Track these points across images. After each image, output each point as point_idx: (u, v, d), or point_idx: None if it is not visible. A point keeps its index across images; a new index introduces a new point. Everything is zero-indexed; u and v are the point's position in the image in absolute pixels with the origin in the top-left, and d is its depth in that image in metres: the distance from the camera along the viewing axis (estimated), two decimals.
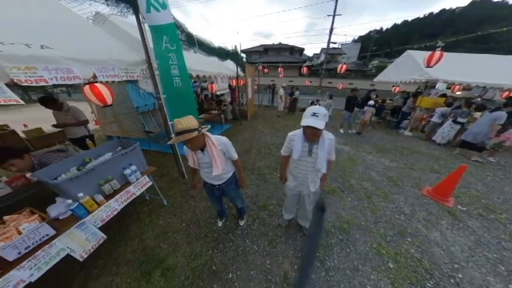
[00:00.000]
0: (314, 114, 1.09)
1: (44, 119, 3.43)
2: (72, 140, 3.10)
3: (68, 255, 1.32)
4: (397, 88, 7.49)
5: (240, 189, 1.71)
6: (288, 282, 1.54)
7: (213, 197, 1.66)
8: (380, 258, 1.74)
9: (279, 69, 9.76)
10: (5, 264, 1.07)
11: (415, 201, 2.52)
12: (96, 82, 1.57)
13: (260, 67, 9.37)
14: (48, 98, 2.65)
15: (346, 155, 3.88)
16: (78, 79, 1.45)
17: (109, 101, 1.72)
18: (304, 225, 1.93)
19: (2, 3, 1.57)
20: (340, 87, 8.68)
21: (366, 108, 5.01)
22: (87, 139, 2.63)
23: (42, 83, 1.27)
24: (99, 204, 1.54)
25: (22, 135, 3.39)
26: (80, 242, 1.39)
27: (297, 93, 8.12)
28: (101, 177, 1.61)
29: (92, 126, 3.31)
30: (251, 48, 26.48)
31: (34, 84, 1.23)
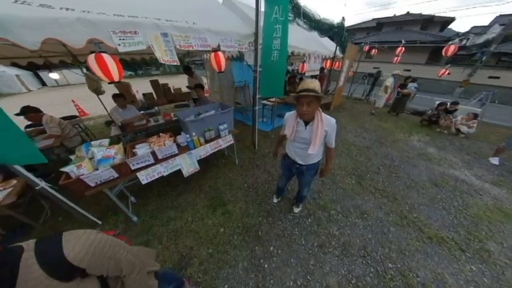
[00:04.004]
0: None
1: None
2: (193, 100, 4.51)
3: (179, 171, 1.98)
4: None
5: (315, 177, 1.59)
6: None
7: (288, 172, 1.67)
8: None
9: (398, 49, 6.89)
10: (156, 160, 1.81)
11: None
12: (219, 51, 1.97)
13: (366, 47, 7.19)
14: (188, 67, 4.30)
15: (492, 201, 2.32)
16: (209, 47, 1.88)
17: (223, 68, 2.13)
18: None
19: None
20: None
21: None
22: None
23: (189, 49, 1.78)
24: (201, 144, 2.11)
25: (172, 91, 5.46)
26: (186, 165, 2.03)
27: (411, 86, 5.60)
28: (206, 126, 2.16)
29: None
30: (356, 24, 19.18)
31: (185, 49, 1.75)
